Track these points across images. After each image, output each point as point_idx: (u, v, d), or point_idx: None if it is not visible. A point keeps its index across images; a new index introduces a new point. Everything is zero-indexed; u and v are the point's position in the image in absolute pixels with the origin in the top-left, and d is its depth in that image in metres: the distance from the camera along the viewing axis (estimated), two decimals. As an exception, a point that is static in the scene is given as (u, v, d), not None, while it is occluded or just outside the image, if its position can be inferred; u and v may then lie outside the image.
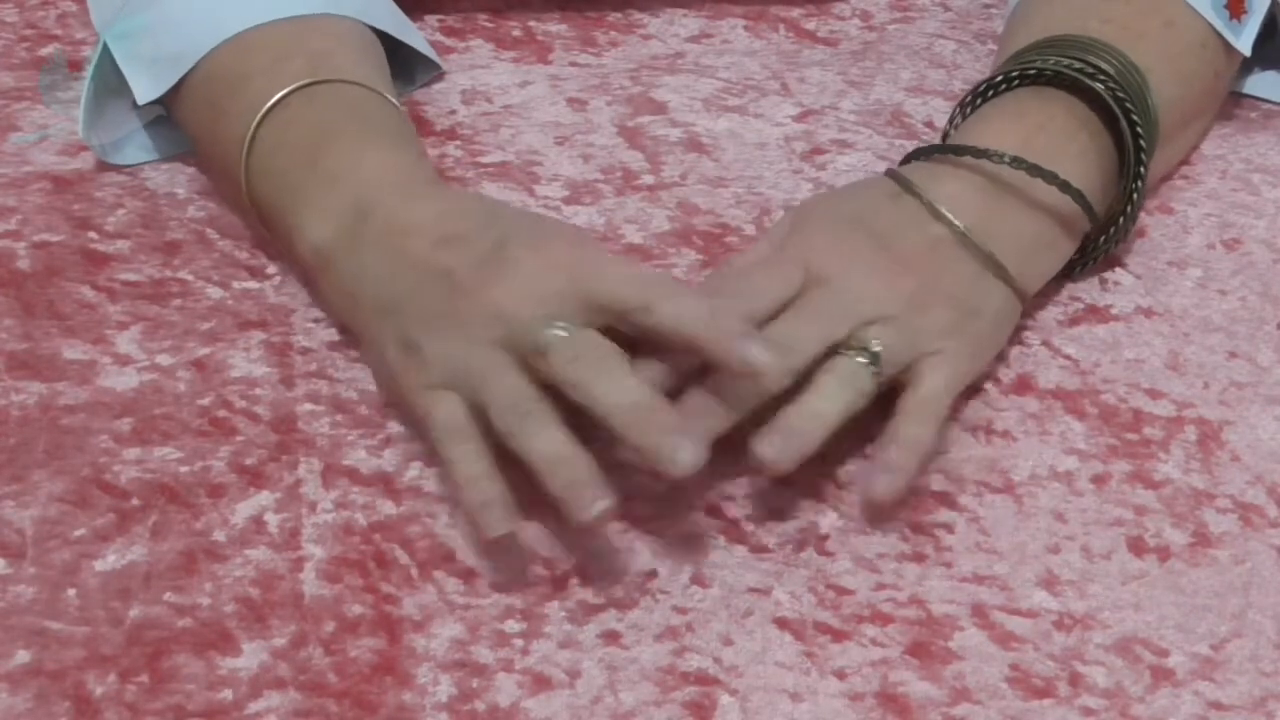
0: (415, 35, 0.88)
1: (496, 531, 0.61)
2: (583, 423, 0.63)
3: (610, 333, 0.65)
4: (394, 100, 0.77)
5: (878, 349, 0.67)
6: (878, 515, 0.66)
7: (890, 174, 0.73)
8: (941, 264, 0.70)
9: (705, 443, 0.62)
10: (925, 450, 0.67)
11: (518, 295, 0.64)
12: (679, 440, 0.61)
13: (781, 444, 0.64)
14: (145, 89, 0.80)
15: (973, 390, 0.73)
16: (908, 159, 0.75)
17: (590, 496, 0.61)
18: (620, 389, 0.62)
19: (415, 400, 0.66)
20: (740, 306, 0.66)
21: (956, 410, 0.71)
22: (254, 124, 0.74)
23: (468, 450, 0.64)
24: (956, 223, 0.70)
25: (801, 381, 0.66)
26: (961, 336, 0.69)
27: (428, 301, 0.66)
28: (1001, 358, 0.74)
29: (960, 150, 0.73)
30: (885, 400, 0.68)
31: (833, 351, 0.67)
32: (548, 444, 0.62)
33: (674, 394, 0.64)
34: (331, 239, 0.70)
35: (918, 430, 0.67)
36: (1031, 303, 0.75)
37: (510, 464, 0.63)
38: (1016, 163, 0.71)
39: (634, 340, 0.65)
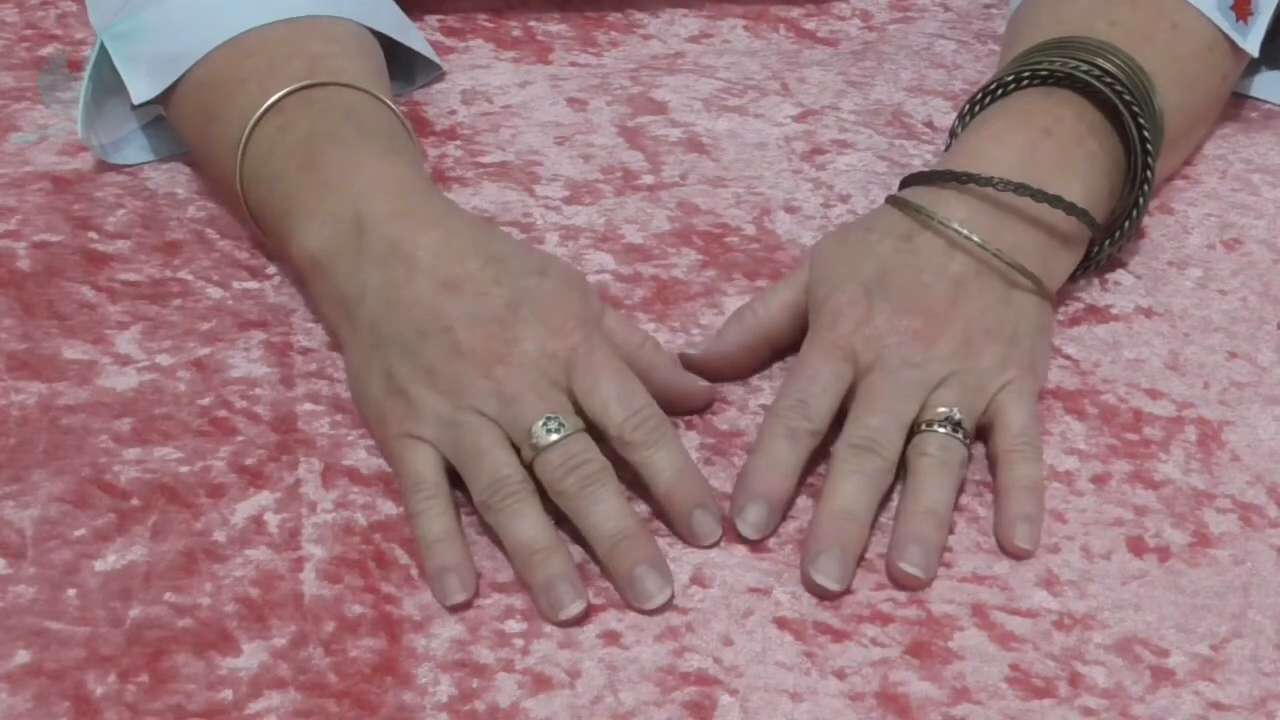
0: (415, 36, 0.88)
1: (452, 600, 0.63)
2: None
3: None
4: (391, 104, 0.77)
5: (959, 416, 0.67)
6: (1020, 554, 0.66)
7: (898, 204, 0.73)
8: (969, 302, 0.70)
9: (672, 583, 0.63)
10: (1043, 485, 0.68)
11: (518, 381, 0.65)
12: (650, 575, 0.63)
13: (923, 558, 0.64)
14: (141, 90, 0.80)
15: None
16: (906, 183, 0.75)
17: (568, 596, 0.62)
18: (605, 514, 0.64)
19: (391, 442, 0.67)
20: (797, 424, 0.67)
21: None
22: (249, 127, 0.74)
23: (434, 507, 0.65)
24: (988, 247, 0.70)
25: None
26: (1017, 363, 0.70)
27: (425, 352, 0.66)
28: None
29: (963, 179, 0.72)
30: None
31: (914, 429, 0.68)
32: (528, 532, 0.64)
33: None
34: (327, 248, 0.70)
35: (1029, 470, 0.68)
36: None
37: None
38: (1021, 189, 0.71)
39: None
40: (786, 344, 0.73)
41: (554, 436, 0.64)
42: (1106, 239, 0.76)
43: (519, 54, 0.94)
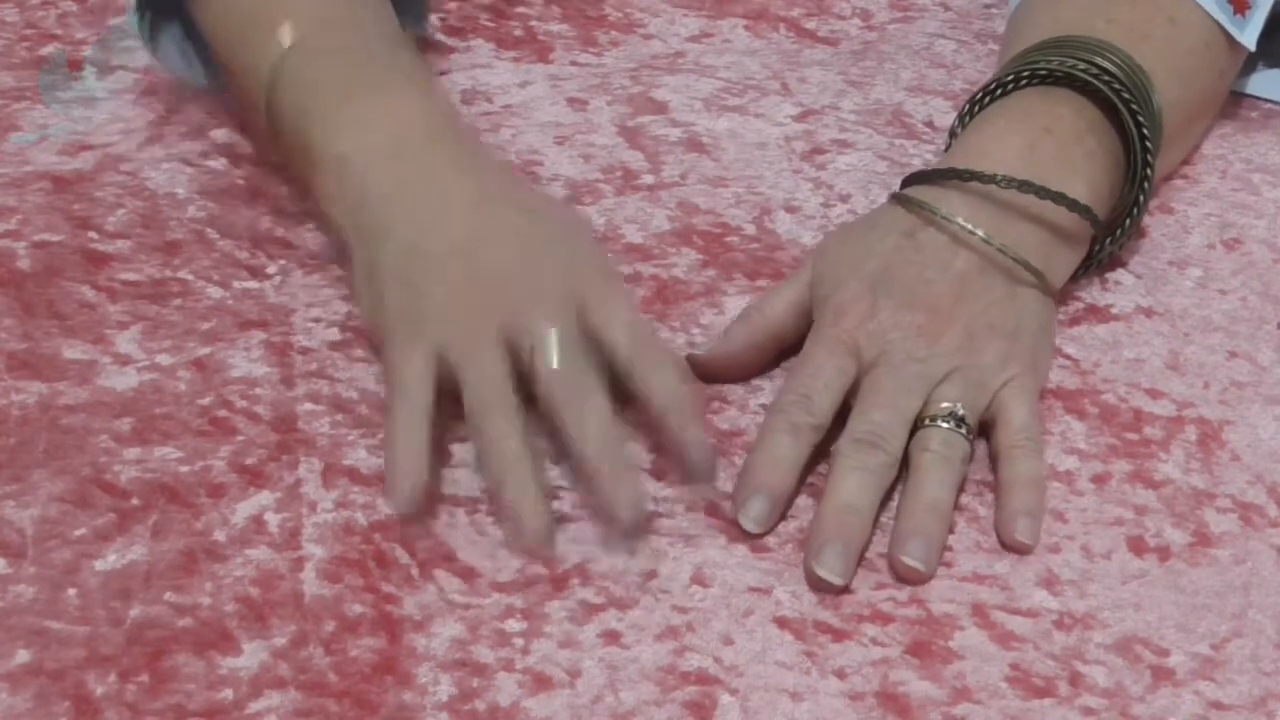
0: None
1: (399, 507, 0.64)
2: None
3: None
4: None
5: (962, 412, 0.67)
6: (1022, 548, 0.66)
7: (900, 201, 0.73)
8: (973, 299, 0.70)
9: (647, 505, 0.65)
10: (1044, 481, 0.68)
11: (535, 302, 0.67)
12: (630, 493, 0.64)
13: (925, 552, 0.64)
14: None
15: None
16: (908, 182, 0.75)
17: (532, 511, 0.64)
18: (595, 426, 0.65)
19: (391, 345, 0.68)
20: (800, 418, 0.67)
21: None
22: (297, 30, 0.76)
23: (412, 413, 0.66)
24: (992, 242, 0.71)
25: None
26: (1020, 359, 0.70)
27: (450, 266, 0.68)
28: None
29: (966, 176, 0.72)
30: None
31: (916, 425, 0.68)
32: (504, 442, 0.65)
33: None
34: (361, 155, 0.72)
35: (1030, 466, 0.68)
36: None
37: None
38: (1025, 186, 0.71)
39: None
40: (793, 342, 0.73)
41: (559, 351, 0.66)
42: (1108, 237, 0.77)
43: (519, 53, 0.94)
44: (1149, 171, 0.75)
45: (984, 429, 0.69)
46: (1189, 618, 0.64)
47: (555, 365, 0.66)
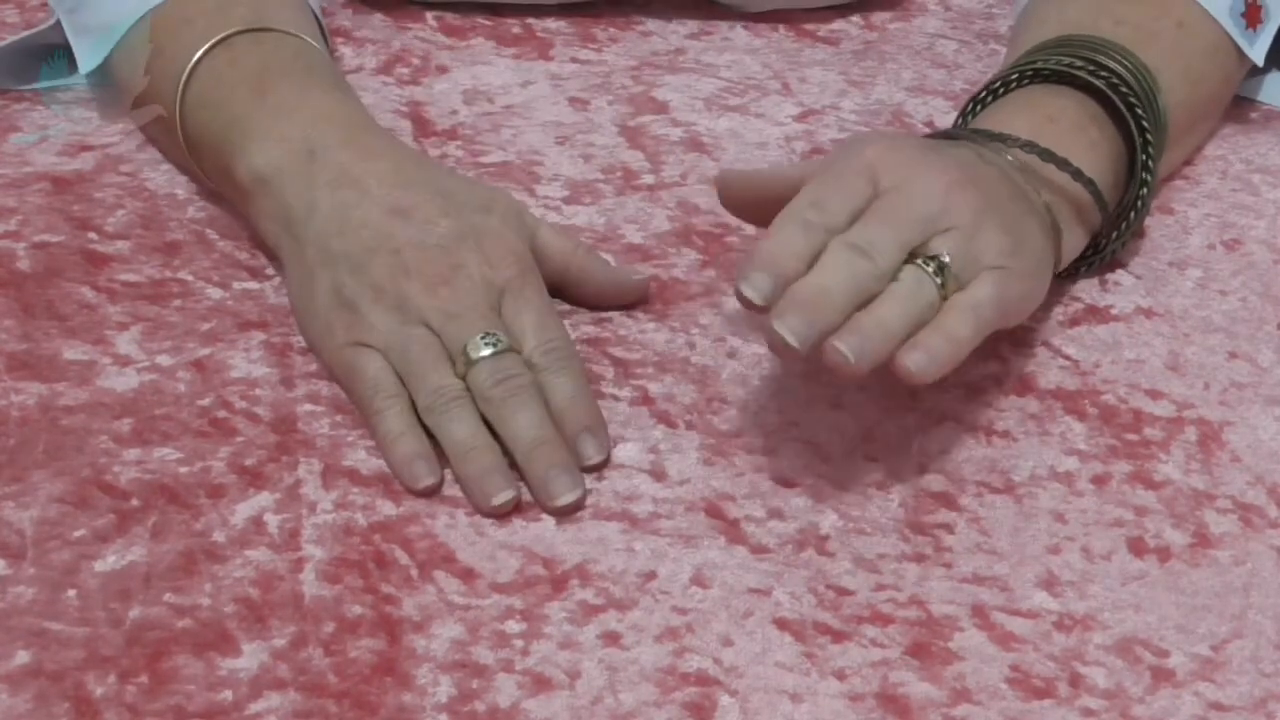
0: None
1: (423, 482, 0.67)
2: None
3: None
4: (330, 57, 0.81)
5: (946, 260, 0.66)
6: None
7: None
8: (998, 190, 0.69)
9: (582, 486, 0.67)
10: (961, 352, 0.65)
11: (460, 301, 0.70)
12: (561, 477, 0.67)
13: (859, 345, 0.62)
14: (87, 60, 0.84)
15: (973, 390, 0.73)
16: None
17: (497, 486, 0.66)
18: (526, 421, 0.68)
19: (341, 351, 0.71)
20: (813, 217, 0.65)
21: (957, 410, 0.72)
22: (198, 55, 0.78)
23: (396, 405, 0.69)
24: (1034, 145, 0.72)
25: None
26: (1018, 260, 0.68)
27: (374, 271, 0.71)
28: (1001, 358, 0.74)
29: (976, 136, 0.73)
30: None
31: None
32: (464, 431, 0.68)
33: None
34: (277, 166, 0.74)
35: (959, 326, 0.65)
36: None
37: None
38: (1030, 147, 0.71)
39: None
40: None
41: (487, 351, 0.69)
42: (1111, 232, 0.77)
43: (519, 50, 0.94)
44: (1151, 166, 0.75)
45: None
46: (1189, 619, 0.64)
47: (485, 369, 0.69)
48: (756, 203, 0.73)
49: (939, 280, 0.65)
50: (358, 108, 0.78)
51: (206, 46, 0.78)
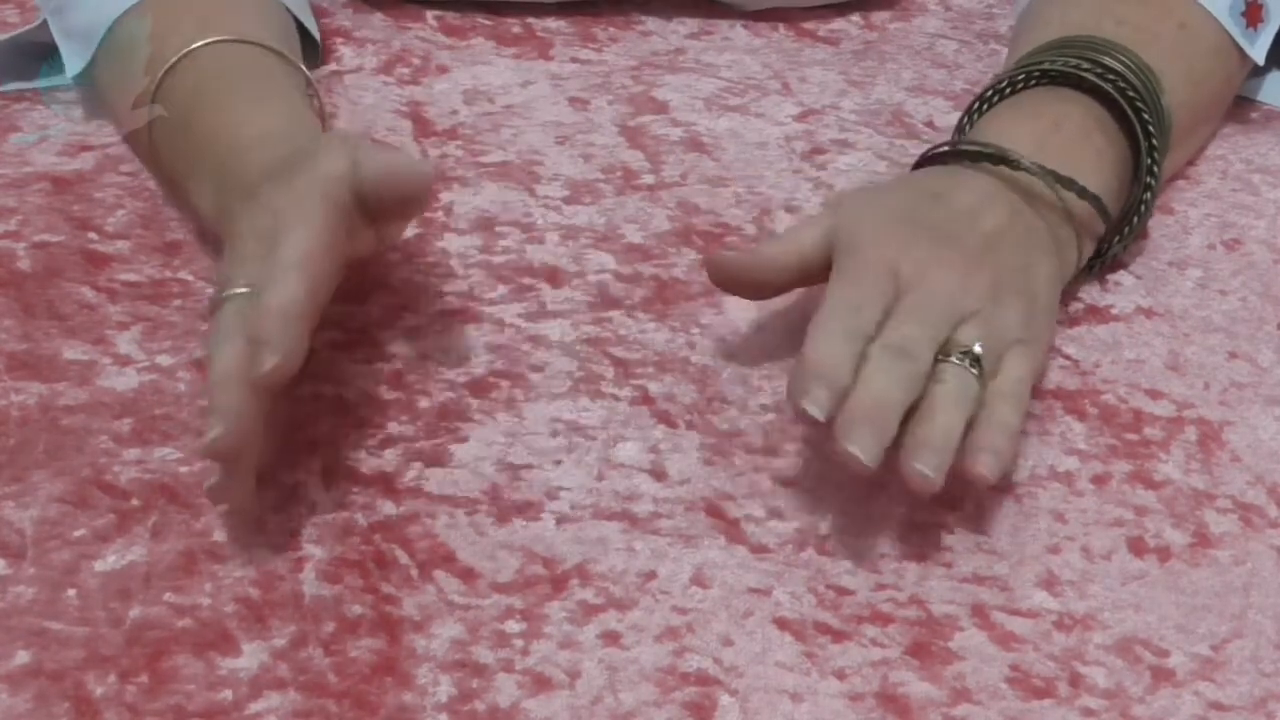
0: (306, 13, 0.88)
1: (212, 445, 0.62)
2: None
3: None
4: (281, 49, 0.78)
5: (979, 351, 0.66)
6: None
7: (922, 164, 0.74)
8: (1000, 257, 0.70)
9: (236, 429, 0.62)
10: (1017, 439, 0.67)
11: (238, 255, 0.67)
12: (219, 420, 0.62)
13: (937, 462, 0.63)
14: (73, 63, 0.83)
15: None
16: (921, 162, 0.75)
17: (214, 421, 0.62)
18: (222, 356, 0.63)
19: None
20: (851, 324, 0.66)
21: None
22: (151, 90, 0.77)
23: (229, 349, 0.64)
24: (1043, 169, 0.71)
25: None
26: (1034, 327, 0.70)
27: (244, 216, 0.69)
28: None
29: (978, 156, 0.72)
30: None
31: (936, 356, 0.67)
32: (221, 359, 0.63)
33: None
34: (217, 210, 0.72)
35: (1010, 415, 0.66)
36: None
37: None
38: (1049, 175, 0.72)
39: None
40: (815, 276, 0.71)
41: (234, 293, 0.65)
42: (1115, 235, 0.77)
43: (519, 50, 0.94)
44: (1155, 170, 0.75)
45: None
46: (1189, 618, 0.64)
47: (222, 312, 0.65)
48: (754, 285, 0.73)
49: (976, 371, 0.66)
50: (278, 119, 0.75)
51: (160, 72, 0.76)
